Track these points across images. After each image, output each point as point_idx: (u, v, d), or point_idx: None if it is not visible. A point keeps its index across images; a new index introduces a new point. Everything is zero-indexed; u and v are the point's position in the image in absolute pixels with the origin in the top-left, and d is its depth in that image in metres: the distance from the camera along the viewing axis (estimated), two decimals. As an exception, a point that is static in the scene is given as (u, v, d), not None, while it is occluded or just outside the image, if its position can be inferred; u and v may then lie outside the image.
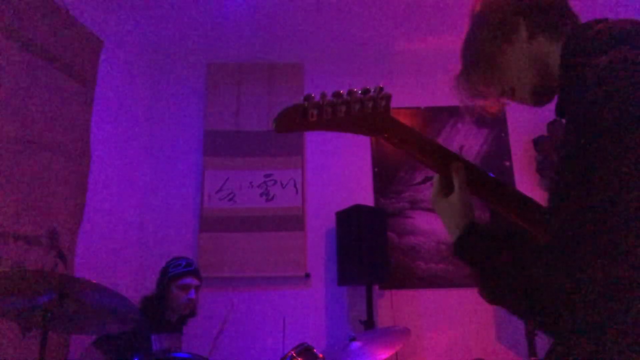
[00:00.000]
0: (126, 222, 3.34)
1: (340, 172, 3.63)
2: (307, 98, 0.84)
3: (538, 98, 1.00)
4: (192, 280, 2.59)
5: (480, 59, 1.03)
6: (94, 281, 1.76)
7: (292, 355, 2.02)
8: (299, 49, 3.85)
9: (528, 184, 3.60)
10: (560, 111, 0.89)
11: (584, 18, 0.99)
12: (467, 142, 3.72)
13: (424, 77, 3.79)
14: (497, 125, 3.74)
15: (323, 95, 0.85)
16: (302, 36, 3.75)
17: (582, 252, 0.69)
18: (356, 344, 2.23)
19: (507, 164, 3.68)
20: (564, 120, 0.82)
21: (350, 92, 0.87)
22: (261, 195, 3.54)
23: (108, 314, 1.87)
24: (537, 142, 3.62)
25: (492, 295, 0.87)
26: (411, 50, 3.87)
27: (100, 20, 3.11)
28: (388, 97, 0.90)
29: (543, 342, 3.03)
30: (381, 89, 0.89)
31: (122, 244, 3.26)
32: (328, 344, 3.26)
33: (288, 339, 2.68)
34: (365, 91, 0.88)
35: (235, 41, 3.76)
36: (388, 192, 3.61)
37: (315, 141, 3.70)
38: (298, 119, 0.84)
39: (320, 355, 2.08)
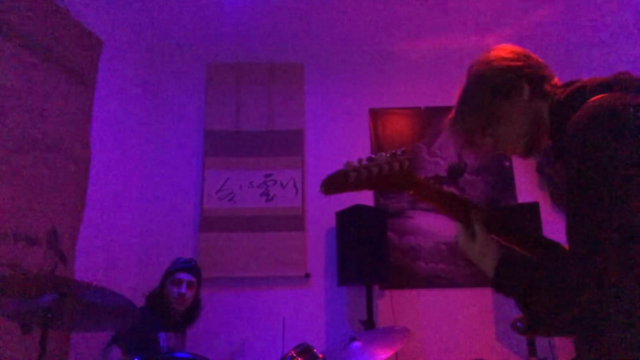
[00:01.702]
0: (126, 222, 3.33)
1: (340, 172, 3.62)
2: (347, 165, 0.98)
3: (529, 151, 1.16)
4: (184, 276, 2.65)
5: (481, 113, 1.16)
6: (94, 282, 1.76)
7: (292, 355, 2.02)
8: (299, 49, 3.85)
9: (528, 184, 3.61)
10: (556, 156, 1.09)
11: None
12: (467, 142, 3.71)
13: (424, 77, 3.80)
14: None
15: (360, 161, 0.99)
16: (302, 36, 3.75)
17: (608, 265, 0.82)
18: (356, 344, 2.23)
19: (507, 164, 3.68)
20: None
21: (379, 155, 1.02)
22: (261, 195, 3.54)
23: (108, 314, 1.87)
24: (537, 142, 3.61)
25: (539, 320, 0.96)
26: (411, 50, 3.88)
27: (100, 20, 3.11)
28: (411, 159, 1.04)
29: (543, 342, 3.03)
30: (404, 152, 1.03)
31: (122, 244, 3.26)
32: (328, 344, 3.26)
33: (288, 339, 2.68)
34: (393, 155, 1.02)
35: (235, 41, 3.76)
36: (388, 192, 3.61)
37: (315, 141, 3.70)
38: (341, 182, 0.97)
39: (320, 355, 2.07)
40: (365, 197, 3.52)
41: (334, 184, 0.98)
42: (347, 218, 3.25)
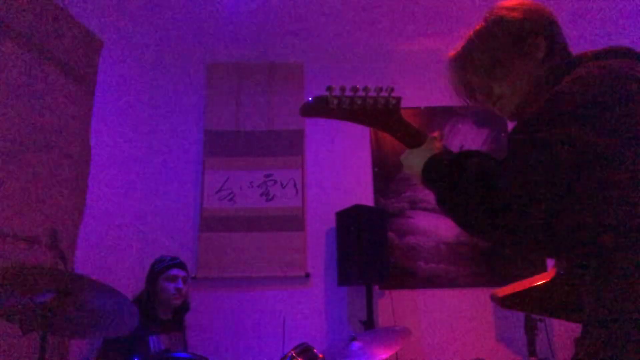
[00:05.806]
0: (126, 222, 3.33)
1: (340, 172, 3.63)
2: (329, 89, 0.96)
3: (518, 113, 1.11)
4: (178, 271, 2.70)
5: (489, 58, 1.10)
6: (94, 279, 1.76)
7: (292, 355, 2.02)
8: (299, 49, 3.84)
9: (528, 184, 3.60)
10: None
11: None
12: (467, 142, 3.72)
13: (424, 77, 3.79)
14: (497, 125, 3.74)
15: (342, 88, 0.96)
16: (302, 36, 3.74)
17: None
18: (356, 344, 2.23)
19: (507, 164, 3.68)
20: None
21: (365, 89, 0.97)
22: (261, 195, 3.54)
23: (108, 315, 1.87)
24: (537, 142, 3.61)
25: (454, 208, 0.93)
26: (411, 50, 3.87)
27: (100, 20, 3.11)
28: (399, 99, 1.00)
29: (543, 341, 3.03)
30: (392, 89, 0.98)
31: (122, 244, 3.26)
32: (328, 344, 3.26)
33: (288, 339, 2.68)
34: (379, 89, 0.98)
35: (235, 41, 3.76)
36: (388, 192, 3.61)
37: (315, 141, 3.70)
38: (320, 106, 0.97)
39: (320, 356, 2.08)
40: (365, 197, 3.53)
41: (314, 108, 0.98)
42: (347, 218, 3.25)
